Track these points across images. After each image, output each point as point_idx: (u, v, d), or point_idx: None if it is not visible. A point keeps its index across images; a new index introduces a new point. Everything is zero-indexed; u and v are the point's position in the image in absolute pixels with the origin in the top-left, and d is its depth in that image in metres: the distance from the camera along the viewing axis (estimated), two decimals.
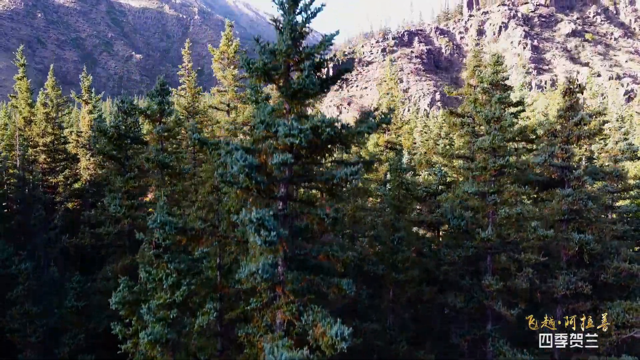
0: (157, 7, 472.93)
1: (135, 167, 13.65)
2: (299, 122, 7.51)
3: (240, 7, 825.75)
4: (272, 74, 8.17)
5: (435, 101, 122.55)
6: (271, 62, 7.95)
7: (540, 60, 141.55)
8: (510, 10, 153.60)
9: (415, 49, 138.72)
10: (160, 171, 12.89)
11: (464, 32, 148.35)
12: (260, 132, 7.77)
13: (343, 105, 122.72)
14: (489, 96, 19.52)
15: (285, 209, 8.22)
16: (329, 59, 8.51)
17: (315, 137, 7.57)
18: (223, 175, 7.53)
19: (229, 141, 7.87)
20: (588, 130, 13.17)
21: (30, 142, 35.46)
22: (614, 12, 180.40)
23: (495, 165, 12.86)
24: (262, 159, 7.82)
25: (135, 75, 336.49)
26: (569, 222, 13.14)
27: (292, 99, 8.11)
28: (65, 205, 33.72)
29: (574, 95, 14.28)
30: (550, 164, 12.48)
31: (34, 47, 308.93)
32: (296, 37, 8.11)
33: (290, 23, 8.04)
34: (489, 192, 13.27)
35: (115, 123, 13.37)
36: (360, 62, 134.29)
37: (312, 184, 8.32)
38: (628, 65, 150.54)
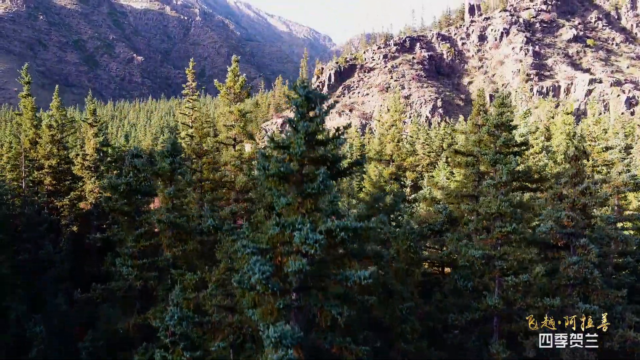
0: (158, 8, 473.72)
1: (145, 223, 13.86)
2: (314, 226, 7.73)
3: (241, 7, 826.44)
4: (288, 177, 8.39)
5: (437, 108, 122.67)
6: (286, 168, 8.16)
7: (542, 66, 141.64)
8: (512, 15, 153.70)
9: (416, 54, 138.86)
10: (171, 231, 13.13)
11: (465, 37, 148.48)
12: (275, 232, 7.99)
13: (345, 111, 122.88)
14: (494, 138, 19.74)
15: (299, 300, 8.46)
16: (342, 155, 8.65)
17: (330, 239, 7.79)
18: (240, 282, 7.76)
19: (246, 243, 8.06)
20: (594, 198, 13.37)
21: (36, 164, 35.74)
22: (616, 17, 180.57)
23: (502, 231, 13.08)
24: (277, 261, 8.06)
25: (136, 77, 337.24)
26: (575, 287, 13.38)
27: (306, 198, 8.33)
28: (71, 229, 33.98)
29: (580, 161, 14.50)
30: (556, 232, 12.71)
31: (35, 49, 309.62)
32: (310, 138, 8.33)
33: (305, 128, 8.26)
34: (495, 257, 13.49)
35: (127, 180, 13.57)
36: (362, 68, 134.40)
37: (325, 282, 8.53)
38: (629, 71, 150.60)
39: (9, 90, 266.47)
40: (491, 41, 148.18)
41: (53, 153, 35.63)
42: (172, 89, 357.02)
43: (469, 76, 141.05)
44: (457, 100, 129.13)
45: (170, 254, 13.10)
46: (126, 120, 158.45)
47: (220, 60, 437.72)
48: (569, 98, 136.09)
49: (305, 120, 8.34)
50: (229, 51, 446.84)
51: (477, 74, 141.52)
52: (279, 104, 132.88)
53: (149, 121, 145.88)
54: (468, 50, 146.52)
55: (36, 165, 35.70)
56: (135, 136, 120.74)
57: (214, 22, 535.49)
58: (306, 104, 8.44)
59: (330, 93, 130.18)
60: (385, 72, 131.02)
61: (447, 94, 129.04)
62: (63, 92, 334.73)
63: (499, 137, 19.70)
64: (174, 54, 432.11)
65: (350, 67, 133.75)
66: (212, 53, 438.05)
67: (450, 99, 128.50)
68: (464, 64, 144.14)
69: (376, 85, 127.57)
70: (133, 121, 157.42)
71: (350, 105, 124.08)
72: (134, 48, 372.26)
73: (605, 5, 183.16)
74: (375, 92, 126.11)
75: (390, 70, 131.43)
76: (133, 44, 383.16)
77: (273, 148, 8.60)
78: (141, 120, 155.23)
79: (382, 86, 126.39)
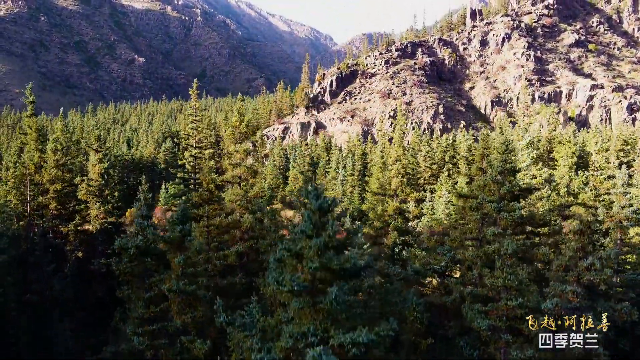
0: (159, 8, 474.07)
1: (155, 286, 14.05)
2: (327, 336, 7.91)
3: (243, 6, 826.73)
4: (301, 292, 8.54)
5: (439, 114, 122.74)
6: (299, 285, 8.32)
7: (543, 71, 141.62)
8: (514, 20, 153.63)
9: (418, 60, 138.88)
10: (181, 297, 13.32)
11: (467, 42, 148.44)
12: (288, 345, 8.17)
13: (346, 117, 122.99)
14: (497, 186, 19.93)
15: None
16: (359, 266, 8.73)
17: (342, 353, 7.96)
18: None
19: (261, 346, 8.25)
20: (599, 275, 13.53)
21: (41, 188, 35.97)
22: (617, 21, 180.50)
23: (509, 305, 13.26)
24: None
25: (137, 78, 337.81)
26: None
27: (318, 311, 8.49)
28: (76, 254, 34.23)
29: (586, 236, 14.68)
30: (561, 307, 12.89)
31: (37, 51, 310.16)
32: (323, 249, 8.48)
33: (318, 244, 8.42)
34: (501, 328, 13.68)
35: (136, 243, 13.77)
36: (363, 73, 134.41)
37: None
38: (631, 76, 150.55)
39: (11, 92, 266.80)
40: (493, 46, 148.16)
41: (58, 177, 35.86)
42: (173, 89, 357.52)
43: (471, 81, 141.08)
44: (458, 106, 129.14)
45: (179, 321, 13.31)
46: (128, 125, 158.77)
47: (221, 60, 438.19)
48: (570, 103, 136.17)
49: (319, 236, 8.50)
50: (230, 52, 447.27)
51: (478, 79, 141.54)
52: (281, 109, 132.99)
53: (151, 126, 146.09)
54: (470, 55, 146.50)
55: (41, 189, 35.92)
56: (138, 141, 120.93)
57: (215, 22, 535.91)
58: (318, 213, 8.60)
59: (331, 99, 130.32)
60: (387, 77, 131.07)
61: (448, 100, 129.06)
62: (65, 94, 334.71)
63: (503, 184, 19.91)
64: (175, 55, 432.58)
65: (351, 73, 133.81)
66: (214, 53, 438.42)
67: (452, 104, 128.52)
68: (466, 69, 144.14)
69: (378, 91, 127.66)
70: (135, 125, 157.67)
71: (352, 111, 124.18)
72: (135, 49, 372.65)
73: (607, 9, 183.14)
74: (377, 98, 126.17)
75: (391, 76, 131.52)
76: (134, 44, 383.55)
77: (287, 255, 8.76)
78: (143, 124, 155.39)
79: (383, 92, 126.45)
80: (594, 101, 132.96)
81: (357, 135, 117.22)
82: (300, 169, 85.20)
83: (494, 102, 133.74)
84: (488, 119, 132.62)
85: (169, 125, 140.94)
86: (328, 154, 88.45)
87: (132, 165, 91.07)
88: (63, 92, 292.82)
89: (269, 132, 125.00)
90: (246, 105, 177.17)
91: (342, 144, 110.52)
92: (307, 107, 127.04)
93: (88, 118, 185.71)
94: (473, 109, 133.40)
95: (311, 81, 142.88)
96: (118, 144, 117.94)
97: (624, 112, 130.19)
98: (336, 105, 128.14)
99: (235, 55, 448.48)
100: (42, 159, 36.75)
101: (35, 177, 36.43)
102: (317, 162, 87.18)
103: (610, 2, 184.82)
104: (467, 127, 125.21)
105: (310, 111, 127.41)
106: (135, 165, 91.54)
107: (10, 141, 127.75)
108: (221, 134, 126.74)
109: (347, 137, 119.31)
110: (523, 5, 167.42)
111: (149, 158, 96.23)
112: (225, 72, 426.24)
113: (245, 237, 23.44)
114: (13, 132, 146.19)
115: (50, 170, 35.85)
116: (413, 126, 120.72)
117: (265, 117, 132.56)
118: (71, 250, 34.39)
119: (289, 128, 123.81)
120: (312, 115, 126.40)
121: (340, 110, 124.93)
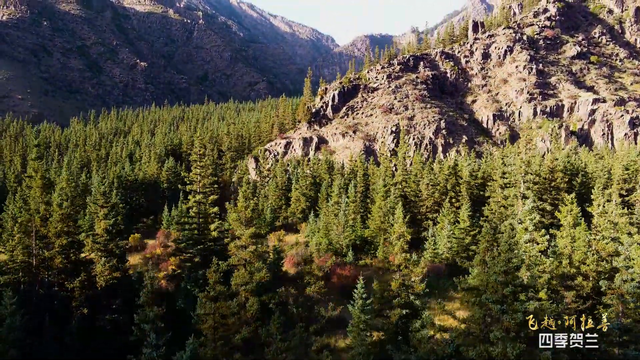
0: (161, 11, 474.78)
1: None
2: None
3: (245, 8, 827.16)
4: None
5: (440, 129, 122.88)
6: None
7: (545, 85, 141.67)
8: (516, 33, 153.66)
9: (420, 74, 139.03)
10: None
11: (469, 55, 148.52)
12: None
13: (348, 133, 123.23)
14: (501, 286, 20.21)
15: None
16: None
17: None
18: None
19: None
20: None
21: (46, 241, 36.23)
22: (620, 31, 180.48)
23: None
24: None
25: (139, 83, 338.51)
26: None
27: None
28: (81, 311, 34.48)
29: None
30: None
31: (39, 56, 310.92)
32: None
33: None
34: None
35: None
36: (365, 88, 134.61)
37: None
38: (633, 88, 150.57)
39: (13, 99, 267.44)
40: (495, 59, 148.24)
41: (63, 231, 36.11)
42: (175, 94, 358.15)
43: (473, 95, 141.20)
44: (460, 120, 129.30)
45: None
46: (130, 137, 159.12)
47: (223, 64, 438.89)
48: (572, 117, 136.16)
49: None
50: (232, 54, 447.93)
51: (480, 92, 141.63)
52: (283, 124, 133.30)
53: (153, 138, 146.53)
54: (472, 68, 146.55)
55: (46, 242, 36.19)
56: (140, 155, 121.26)
57: (217, 24, 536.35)
58: None
59: (334, 114, 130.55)
60: (389, 92, 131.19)
61: (450, 115, 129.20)
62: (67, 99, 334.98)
63: (507, 285, 20.19)
64: (176, 58, 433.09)
65: (353, 87, 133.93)
66: (215, 57, 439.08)
67: (454, 119, 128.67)
68: (468, 82, 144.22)
69: (380, 106, 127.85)
70: (137, 137, 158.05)
71: (354, 126, 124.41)
72: (137, 53, 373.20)
73: (609, 19, 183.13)
74: (379, 113, 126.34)
75: (393, 91, 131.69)
76: (136, 48, 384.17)
77: None
78: (145, 136, 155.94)
79: (385, 107, 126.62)
80: (595, 115, 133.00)
81: (359, 152, 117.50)
82: (302, 190, 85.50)
83: (496, 116, 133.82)
84: (490, 133, 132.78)
85: (171, 138, 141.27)
86: (330, 175, 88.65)
87: (135, 185, 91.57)
88: (65, 97, 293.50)
89: (271, 147, 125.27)
90: (248, 117, 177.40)
91: (344, 160, 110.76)
92: (309, 122, 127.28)
93: (90, 128, 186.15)
94: (475, 123, 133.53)
95: (313, 93, 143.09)
96: (121, 160, 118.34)
97: (625, 126, 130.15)
98: (338, 120, 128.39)
99: (237, 58, 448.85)
100: (48, 212, 37.01)
101: (41, 230, 36.70)
102: (320, 183, 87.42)
103: (612, 12, 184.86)
104: (469, 142, 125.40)
105: (312, 126, 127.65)
106: (139, 186, 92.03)
107: (13, 157, 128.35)
108: (223, 148, 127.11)
109: (349, 152, 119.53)
110: (525, 17, 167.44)
111: (152, 177, 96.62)
112: (227, 75, 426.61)
113: (250, 322, 23.71)
114: (16, 143, 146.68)
115: (56, 224, 36.09)
116: (415, 142, 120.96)
117: (268, 131, 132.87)
118: (76, 307, 34.63)
119: (291, 143, 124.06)
120: (314, 130, 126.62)
121: (342, 125, 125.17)
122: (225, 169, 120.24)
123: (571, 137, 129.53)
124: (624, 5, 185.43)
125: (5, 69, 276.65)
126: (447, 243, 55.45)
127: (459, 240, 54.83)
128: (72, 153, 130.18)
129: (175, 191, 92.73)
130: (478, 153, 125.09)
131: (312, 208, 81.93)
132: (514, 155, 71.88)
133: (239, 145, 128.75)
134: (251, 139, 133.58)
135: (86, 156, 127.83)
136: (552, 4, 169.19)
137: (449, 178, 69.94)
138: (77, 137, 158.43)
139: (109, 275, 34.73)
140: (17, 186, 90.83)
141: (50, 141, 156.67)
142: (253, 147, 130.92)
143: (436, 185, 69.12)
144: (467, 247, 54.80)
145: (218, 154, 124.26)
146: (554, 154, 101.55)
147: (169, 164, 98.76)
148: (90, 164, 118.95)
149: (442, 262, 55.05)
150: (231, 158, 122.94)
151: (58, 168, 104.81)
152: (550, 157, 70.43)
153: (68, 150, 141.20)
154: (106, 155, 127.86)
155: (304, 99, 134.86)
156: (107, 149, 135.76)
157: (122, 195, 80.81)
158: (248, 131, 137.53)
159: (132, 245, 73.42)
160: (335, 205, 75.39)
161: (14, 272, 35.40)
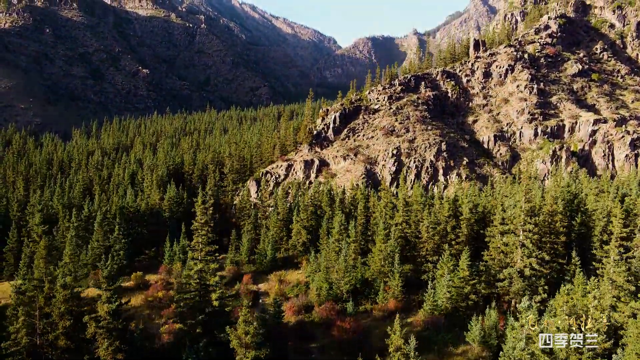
0: (163, 15, 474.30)
1: None
2: None
3: (247, 9, 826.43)
4: None
5: (441, 151, 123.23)
6: None
7: (546, 104, 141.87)
8: (517, 51, 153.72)
9: (421, 94, 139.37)
10: None
11: (470, 74, 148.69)
12: None
13: (349, 155, 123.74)
14: None
15: None
16: None
17: None
18: None
19: None
20: None
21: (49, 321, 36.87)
22: (621, 46, 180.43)
23: None
24: None
25: (141, 90, 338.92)
26: None
27: None
28: None
29: None
30: None
31: (41, 63, 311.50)
32: None
33: None
34: None
35: None
36: (366, 109, 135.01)
37: None
38: (634, 106, 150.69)
39: (15, 108, 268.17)
40: (496, 78, 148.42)
41: (67, 311, 36.74)
42: (177, 100, 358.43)
43: (474, 115, 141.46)
44: (461, 142, 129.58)
45: None
46: (132, 154, 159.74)
47: (225, 68, 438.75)
48: (573, 138, 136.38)
49: None
50: (234, 59, 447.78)
51: (481, 112, 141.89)
52: (284, 145, 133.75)
53: (155, 156, 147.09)
54: (473, 87, 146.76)
55: (49, 321, 36.84)
56: (142, 177, 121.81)
57: (219, 27, 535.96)
58: None
59: (335, 136, 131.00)
60: (390, 114, 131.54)
61: (451, 136, 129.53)
62: (69, 107, 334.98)
63: None
64: (178, 62, 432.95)
65: (355, 109, 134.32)
66: (217, 61, 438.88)
67: (455, 140, 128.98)
68: (469, 102, 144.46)
69: (381, 128, 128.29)
70: (139, 154, 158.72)
71: (355, 149, 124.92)
72: (139, 59, 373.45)
73: (611, 34, 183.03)
74: (380, 135, 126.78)
75: (395, 112, 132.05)
76: (138, 54, 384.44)
77: None
78: (147, 153, 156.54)
79: (386, 129, 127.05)
80: (596, 136, 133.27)
81: (360, 175, 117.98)
82: (303, 223, 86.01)
83: (497, 136, 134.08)
84: (491, 153, 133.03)
85: (172, 156, 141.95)
86: (331, 207, 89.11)
87: (137, 216, 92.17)
88: (67, 105, 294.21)
89: (272, 169, 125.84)
90: (250, 136, 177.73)
91: (345, 185, 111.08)
92: (310, 144, 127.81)
93: (92, 143, 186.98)
94: (476, 144, 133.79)
95: (315, 94, 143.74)
96: (123, 182, 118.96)
97: (626, 147, 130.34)
98: (339, 142, 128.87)
99: (239, 62, 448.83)
100: (52, 290, 37.64)
101: (45, 309, 37.37)
102: (321, 215, 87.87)
103: (614, 27, 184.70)
104: (470, 164, 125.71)
105: (313, 148, 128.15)
106: (140, 217, 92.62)
107: (16, 178, 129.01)
108: (225, 170, 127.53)
109: (350, 176, 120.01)
110: (526, 34, 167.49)
111: (154, 206, 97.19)
112: (229, 80, 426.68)
113: None
114: (19, 162, 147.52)
115: (60, 305, 36.72)
116: (416, 164, 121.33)
117: (269, 152, 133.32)
118: None
119: (293, 165, 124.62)
120: (316, 153, 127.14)
121: (344, 148, 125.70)
122: (227, 192, 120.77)
123: (572, 159, 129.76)
124: (625, 20, 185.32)
125: (7, 78, 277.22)
126: (447, 293, 55.93)
127: (458, 290, 55.48)
128: (74, 174, 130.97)
129: (177, 220, 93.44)
130: (479, 175, 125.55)
131: (312, 242, 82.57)
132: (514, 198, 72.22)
133: (240, 167, 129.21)
134: (253, 160, 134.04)
135: (88, 177, 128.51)
136: (554, 20, 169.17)
137: (449, 220, 70.28)
138: (79, 154, 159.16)
139: (112, 358, 35.37)
140: (20, 215, 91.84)
141: (52, 158, 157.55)
142: (255, 169, 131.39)
143: (437, 225, 69.40)
144: (467, 296, 55.48)
145: (220, 176, 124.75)
146: (555, 181, 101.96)
147: (170, 193, 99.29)
148: (92, 187, 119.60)
149: (441, 313, 55.54)
150: (233, 180, 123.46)
151: (60, 194, 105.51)
152: (549, 198, 70.39)
153: (71, 170, 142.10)
154: (108, 177, 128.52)
155: (305, 120, 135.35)
156: (110, 168, 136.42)
157: (124, 229, 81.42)
158: (250, 152, 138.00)
159: (133, 283, 74.05)
160: (336, 243, 75.88)
161: (19, 354, 35.95)
